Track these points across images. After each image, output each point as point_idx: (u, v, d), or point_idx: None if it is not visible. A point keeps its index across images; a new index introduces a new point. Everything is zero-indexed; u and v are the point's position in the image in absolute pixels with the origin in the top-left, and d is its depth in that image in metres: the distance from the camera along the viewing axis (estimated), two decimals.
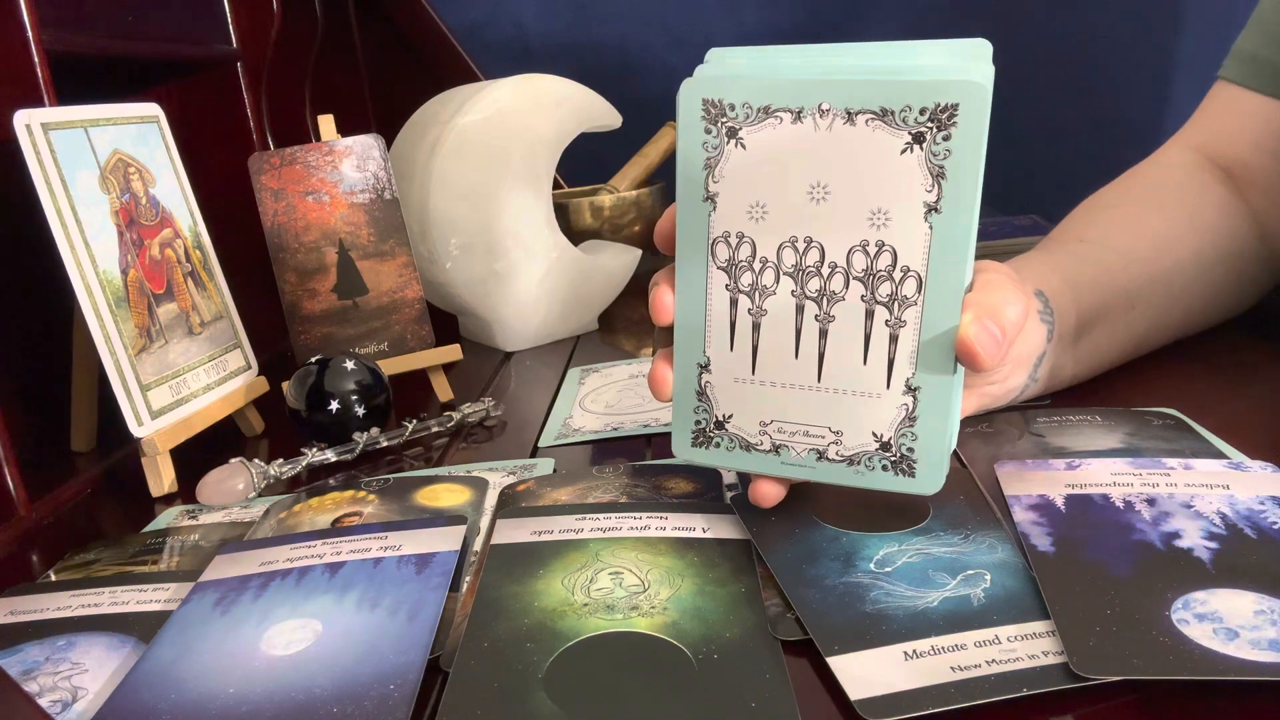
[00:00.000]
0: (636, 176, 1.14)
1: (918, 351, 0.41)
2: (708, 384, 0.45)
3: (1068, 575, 0.40)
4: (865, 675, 0.35)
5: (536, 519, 0.49)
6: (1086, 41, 1.38)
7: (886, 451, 0.43)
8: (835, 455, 0.44)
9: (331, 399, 0.65)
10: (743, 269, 0.43)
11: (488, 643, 0.39)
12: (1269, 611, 0.36)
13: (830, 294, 0.42)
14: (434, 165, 0.83)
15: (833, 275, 0.42)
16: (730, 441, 0.45)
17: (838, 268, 0.42)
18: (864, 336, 0.42)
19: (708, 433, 0.46)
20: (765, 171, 0.42)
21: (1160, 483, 0.46)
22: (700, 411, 0.46)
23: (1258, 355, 0.68)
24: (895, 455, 0.43)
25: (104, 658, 0.43)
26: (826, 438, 0.44)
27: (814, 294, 0.42)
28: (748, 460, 0.45)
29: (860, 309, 0.42)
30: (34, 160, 0.58)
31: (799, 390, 0.43)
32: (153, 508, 0.61)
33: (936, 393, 0.41)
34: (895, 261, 0.41)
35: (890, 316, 0.41)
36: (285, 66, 1.06)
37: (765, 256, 0.43)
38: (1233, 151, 0.69)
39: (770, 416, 0.44)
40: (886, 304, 0.41)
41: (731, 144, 0.42)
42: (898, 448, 0.42)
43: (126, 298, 0.62)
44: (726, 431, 0.45)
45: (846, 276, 0.42)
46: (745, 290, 0.43)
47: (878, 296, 0.41)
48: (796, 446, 0.44)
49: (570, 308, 0.89)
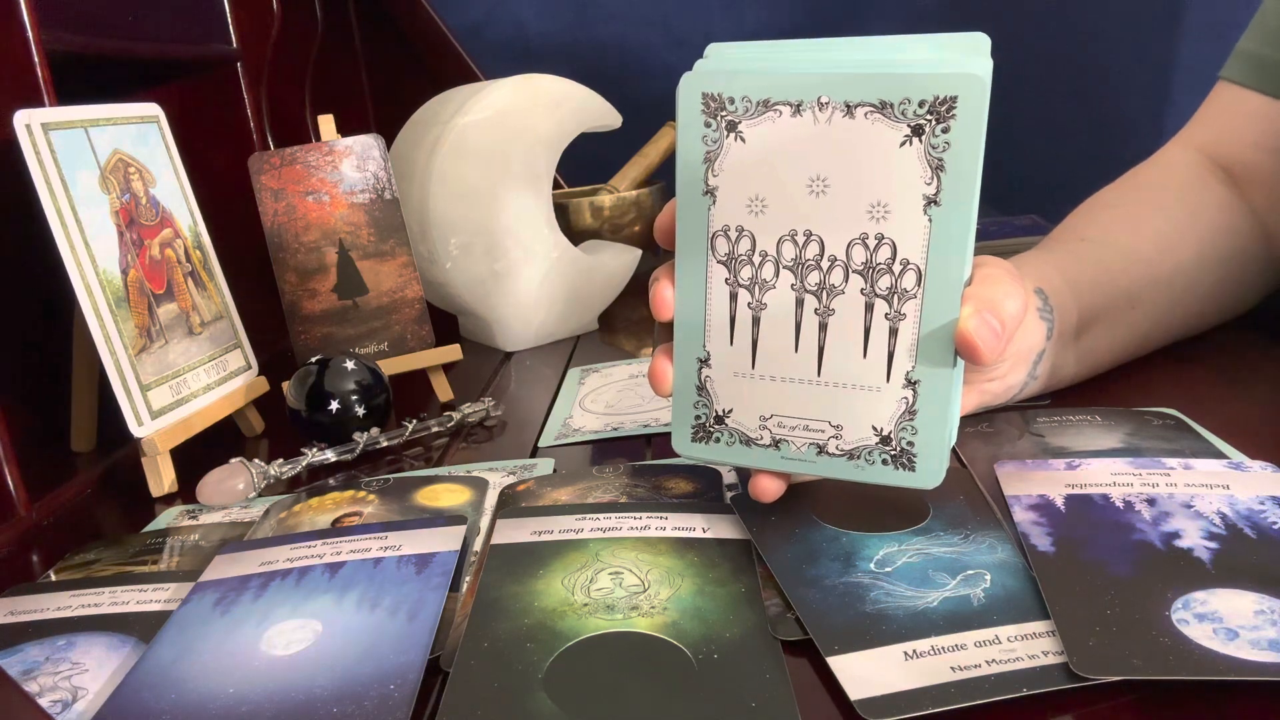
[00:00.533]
0: (636, 176, 1.14)
1: (917, 345, 0.41)
2: (707, 379, 0.45)
3: (1068, 575, 0.40)
4: (865, 675, 0.35)
5: (536, 519, 0.49)
6: (1087, 41, 1.38)
7: (886, 445, 0.43)
8: (835, 450, 0.43)
9: (331, 399, 0.65)
10: (742, 263, 0.43)
11: (488, 643, 0.39)
12: (1269, 611, 0.36)
13: (830, 288, 0.42)
14: (434, 165, 0.83)
15: (832, 269, 0.42)
16: (730, 436, 0.45)
17: (837, 261, 0.42)
18: (864, 330, 0.42)
19: (708, 428, 0.46)
20: (765, 165, 0.42)
21: (1160, 483, 0.46)
22: (700, 406, 0.45)
23: (1258, 355, 0.68)
24: (895, 449, 0.42)
25: (104, 658, 0.43)
26: (827, 432, 0.43)
27: (814, 288, 0.42)
28: (748, 455, 0.45)
29: (860, 302, 0.42)
30: (34, 160, 0.58)
31: (799, 384, 0.43)
32: (153, 508, 0.61)
33: (936, 386, 0.41)
34: (895, 254, 0.41)
35: (890, 310, 0.41)
36: (285, 66, 1.06)
37: (765, 250, 0.43)
38: (1234, 151, 0.69)
39: (770, 411, 0.44)
40: (886, 297, 0.41)
41: (731, 137, 0.42)
42: (898, 441, 0.42)
43: (126, 298, 0.62)
44: (726, 426, 0.45)
45: (846, 270, 0.42)
46: (745, 284, 0.43)
47: (877, 290, 0.41)
48: (796, 441, 0.44)
49: (570, 308, 0.89)
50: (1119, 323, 0.61)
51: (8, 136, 0.58)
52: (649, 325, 0.92)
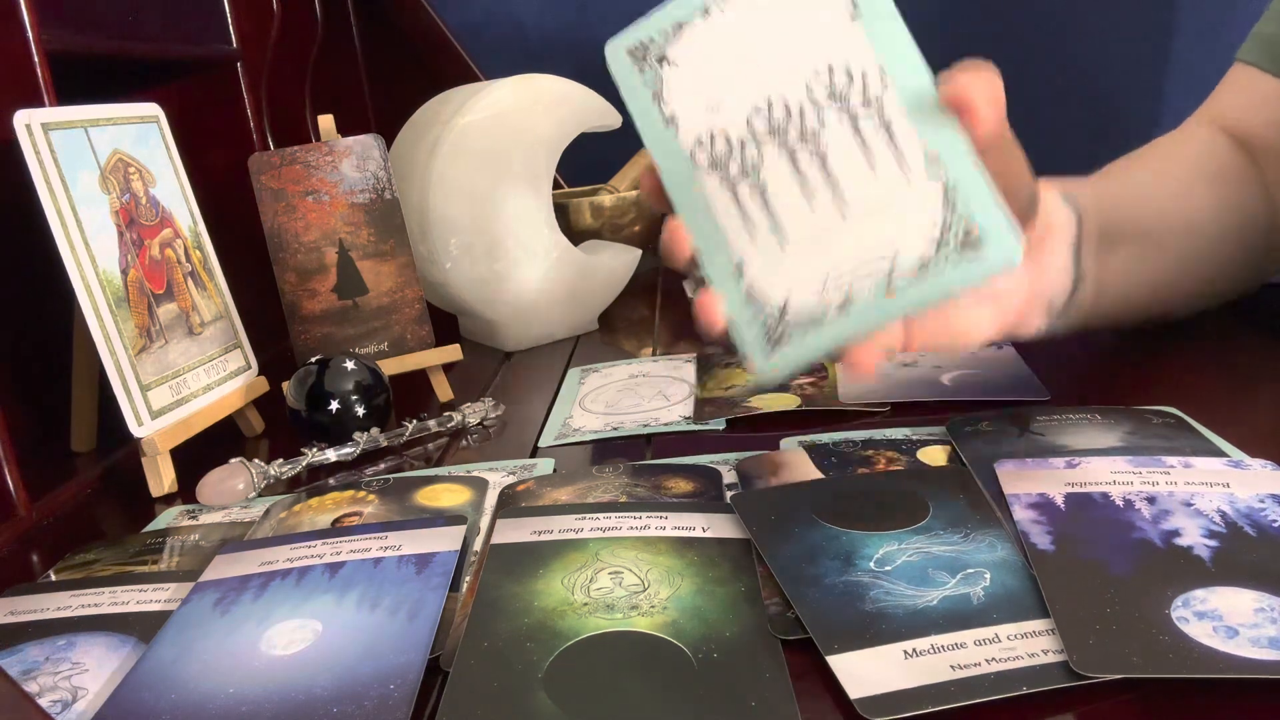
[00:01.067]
0: (636, 177, 1.14)
1: (916, 131, 0.41)
2: (751, 285, 0.44)
3: (1067, 574, 0.40)
4: (865, 674, 0.35)
5: (536, 519, 0.49)
6: (1086, 42, 1.38)
7: (945, 241, 0.41)
8: (900, 278, 0.42)
9: (331, 399, 0.65)
10: (725, 159, 0.45)
11: (488, 642, 0.39)
12: (1269, 610, 0.36)
13: (811, 132, 0.43)
14: (434, 165, 0.83)
15: (803, 115, 0.43)
16: (799, 328, 0.44)
17: (804, 105, 0.43)
18: (860, 147, 0.42)
19: (774, 332, 0.44)
20: (703, 70, 0.45)
21: (1160, 481, 0.46)
22: (759, 316, 0.44)
23: (1257, 354, 0.68)
24: (957, 237, 0.41)
25: (104, 658, 0.43)
26: (884, 265, 0.42)
27: (796, 140, 0.43)
28: (824, 334, 0.43)
29: (845, 127, 0.43)
30: (34, 160, 0.58)
31: (833, 236, 0.43)
32: (153, 508, 0.61)
33: (955, 156, 0.41)
34: (849, 70, 0.42)
35: (873, 117, 0.42)
36: (285, 66, 1.06)
37: (739, 137, 0.44)
38: (1248, 129, 0.70)
39: (821, 276, 0.43)
40: (863, 106, 0.42)
41: (664, 67, 0.45)
42: (955, 230, 0.41)
43: (126, 298, 0.63)
44: (789, 319, 0.44)
45: (816, 108, 0.43)
46: (737, 175, 0.44)
47: (851, 108, 0.42)
48: (861, 291, 0.42)
49: (570, 308, 0.89)
50: (1147, 249, 0.62)
51: (8, 136, 0.58)
52: (649, 325, 0.92)
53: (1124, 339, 0.70)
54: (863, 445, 0.56)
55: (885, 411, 0.62)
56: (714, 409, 0.65)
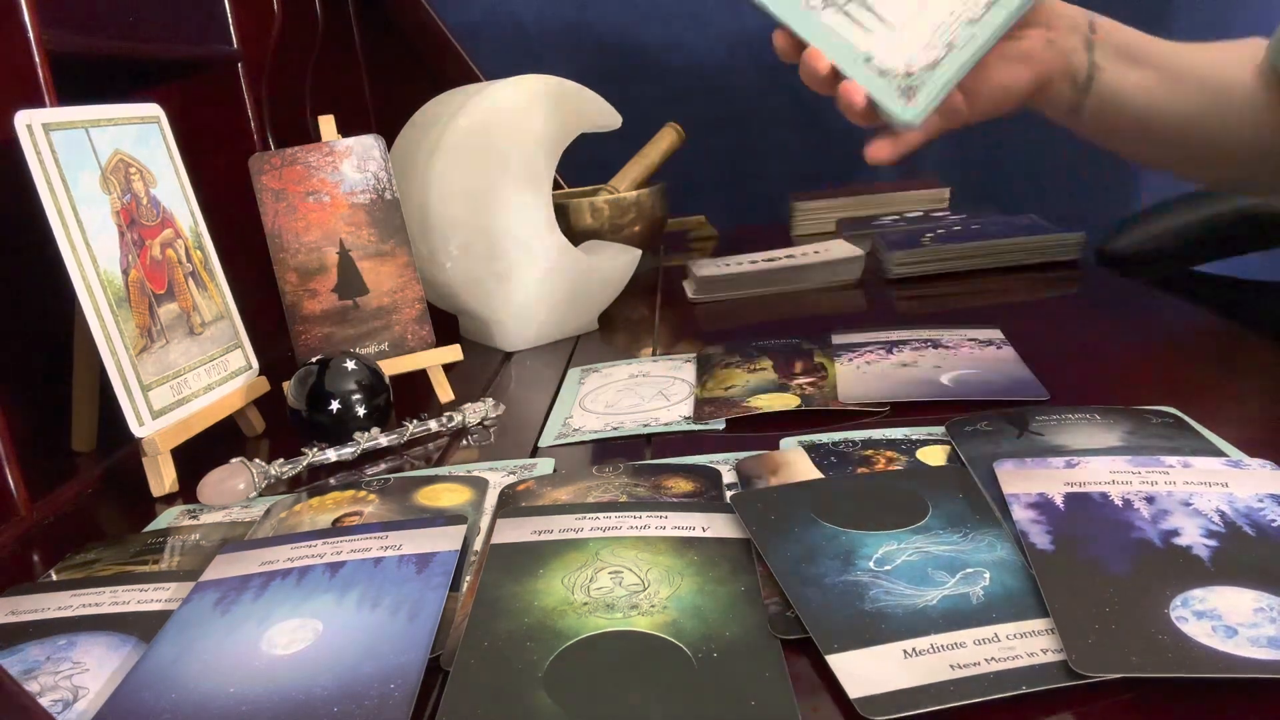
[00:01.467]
0: (636, 177, 1.14)
1: None
2: (880, 63, 0.61)
3: (1067, 573, 0.40)
4: (865, 673, 0.36)
5: (536, 518, 0.49)
6: None
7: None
8: (980, 7, 0.60)
9: (332, 399, 0.65)
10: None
11: (488, 642, 0.39)
12: (1268, 609, 0.36)
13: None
14: (434, 165, 0.83)
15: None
16: (924, 77, 0.60)
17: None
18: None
19: (911, 88, 0.60)
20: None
21: (1159, 481, 0.46)
22: (892, 83, 0.60)
23: (1257, 354, 0.68)
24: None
25: (104, 657, 0.43)
26: (966, 7, 0.60)
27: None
28: (942, 72, 0.60)
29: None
30: (35, 160, 0.58)
31: (926, 4, 0.61)
32: (153, 507, 0.61)
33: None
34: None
35: None
36: (285, 66, 1.06)
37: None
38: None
39: (928, 34, 0.60)
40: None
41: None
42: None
43: (127, 298, 0.63)
44: (916, 74, 0.60)
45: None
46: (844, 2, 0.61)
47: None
48: (958, 33, 0.60)
49: (570, 308, 0.89)
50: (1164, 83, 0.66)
51: (8, 137, 0.58)
52: (649, 325, 0.92)
53: (1124, 339, 0.70)
54: (862, 445, 0.56)
55: (885, 411, 0.62)
56: (714, 409, 0.65)
